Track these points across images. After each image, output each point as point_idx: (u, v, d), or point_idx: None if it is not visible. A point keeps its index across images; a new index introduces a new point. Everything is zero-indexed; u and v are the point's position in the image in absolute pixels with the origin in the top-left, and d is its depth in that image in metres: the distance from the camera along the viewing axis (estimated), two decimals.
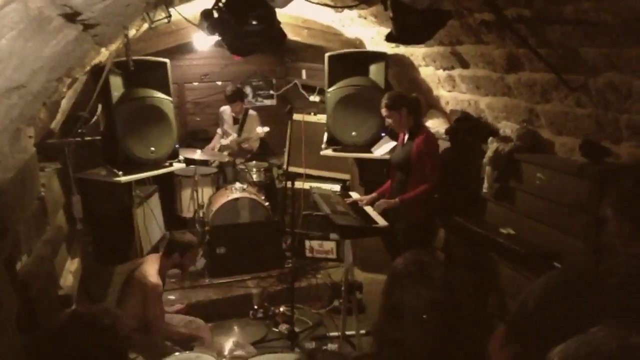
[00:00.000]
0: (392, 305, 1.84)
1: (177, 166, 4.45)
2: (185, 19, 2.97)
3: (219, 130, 6.52)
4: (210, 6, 2.79)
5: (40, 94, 2.33)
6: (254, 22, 2.37)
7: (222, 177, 6.22)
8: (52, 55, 1.39)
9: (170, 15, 2.91)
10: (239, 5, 2.31)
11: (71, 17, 1.29)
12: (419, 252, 1.94)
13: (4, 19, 0.85)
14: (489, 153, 3.89)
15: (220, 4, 2.29)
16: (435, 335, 1.74)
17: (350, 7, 3.68)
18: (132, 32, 3.81)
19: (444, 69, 4.27)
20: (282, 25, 2.81)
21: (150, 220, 5.26)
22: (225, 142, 6.21)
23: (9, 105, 1.68)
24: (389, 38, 2.67)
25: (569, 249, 3.31)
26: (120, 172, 4.05)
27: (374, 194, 4.48)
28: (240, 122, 6.32)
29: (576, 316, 1.69)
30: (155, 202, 5.50)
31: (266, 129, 5.95)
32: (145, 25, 3.40)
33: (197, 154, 5.68)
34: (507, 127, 3.94)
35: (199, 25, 2.51)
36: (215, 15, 2.35)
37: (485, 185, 4.02)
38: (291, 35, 4.79)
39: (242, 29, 2.35)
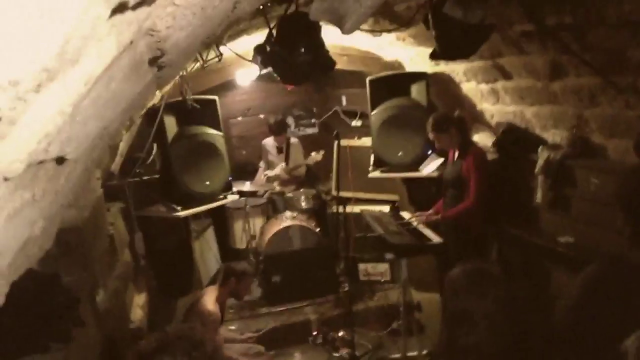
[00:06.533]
0: (459, 312, 1.86)
1: (231, 198, 4.60)
2: (239, 55, 3.11)
3: (261, 164, 6.67)
4: (256, 42, 2.96)
5: (112, 136, 2.50)
6: (303, 52, 2.48)
7: (271, 207, 6.35)
8: (134, 97, 1.52)
9: (221, 54, 3.07)
10: (289, 37, 2.43)
11: (154, 60, 1.41)
12: (474, 261, 1.98)
13: (119, 63, 0.96)
14: (540, 162, 3.88)
15: (272, 37, 2.43)
16: (507, 334, 1.76)
17: (388, 31, 3.78)
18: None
19: (487, 83, 4.31)
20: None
21: (207, 252, 5.41)
22: (273, 172, 6.35)
23: (94, 146, 1.82)
24: (433, 56, 2.75)
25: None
26: (179, 207, 4.21)
27: (431, 211, 4.50)
28: (285, 151, 6.46)
29: (624, 301, 1.68)
30: (210, 235, 5.65)
31: (322, 152, 6.05)
32: (196, 66, 3.59)
33: (247, 186, 5.84)
34: (556, 135, 3.93)
35: (252, 60, 2.65)
36: (268, 49, 2.48)
37: (539, 194, 4.00)
38: None
39: (293, 59, 2.47)
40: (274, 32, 2.49)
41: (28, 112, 0.69)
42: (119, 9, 0.78)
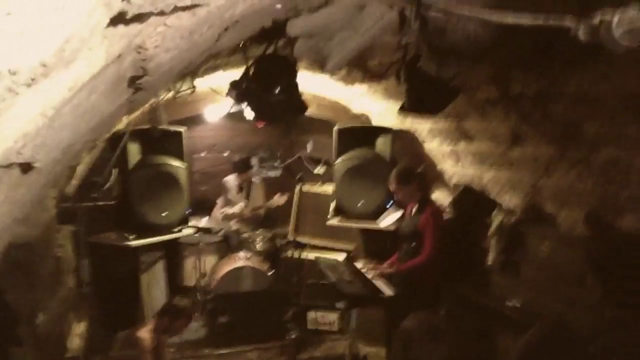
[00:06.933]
0: None
1: (186, 232, 4.53)
2: (214, 90, 3.14)
3: (219, 200, 6.61)
4: (230, 79, 3.00)
5: (77, 154, 2.45)
6: (278, 93, 2.53)
7: (226, 245, 6.25)
8: (108, 115, 1.51)
9: (194, 87, 3.09)
10: (265, 76, 2.48)
11: (133, 80, 1.41)
12: (427, 314, 2.01)
13: (103, 75, 0.97)
14: (494, 225, 3.99)
15: (249, 74, 2.47)
16: None
17: (361, 82, 3.90)
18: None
19: (449, 144, 4.44)
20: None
21: (155, 287, 5.25)
22: (232, 210, 6.30)
23: (59, 161, 1.78)
24: (402, 109, 2.84)
25: (575, 320, 3.34)
26: (131, 237, 4.11)
27: (385, 264, 4.52)
28: (246, 191, 6.44)
29: None
30: (159, 269, 5.49)
31: (286, 195, 6.07)
32: (168, 95, 3.59)
33: (203, 222, 5.76)
34: (510, 200, 4.06)
35: (228, 93, 2.68)
36: (244, 85, 2.53)
37: (491, 257, 4.09)
38: None
39: (267, 98, 2.52)
40: (251, 69, 2.54)
41: (14, 107, 0.69)
42: (116, 20, 0.79)
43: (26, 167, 1.21)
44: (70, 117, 1.02)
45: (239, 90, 2.56)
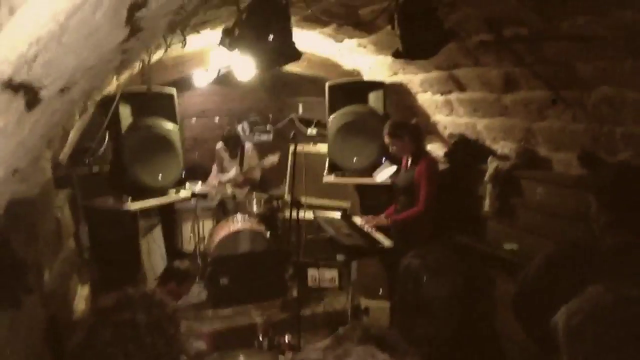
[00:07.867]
0: (416, 301, 1.90)
1: (183, 194, 4.53)
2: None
3: (214, 168, 6.60)
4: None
5: (74, 105, 2.43)
6: (272, 39, 2.51)
7: (222, 210, 6.28)
8: (107, 51, 1.49)
9: (185, 40, 3.05)
10: (258, 22, 2.45)
11: (132, 9, 1.39)
12: (430, 249, 2.03)
13: None
14: (490, 171, 4.03)
15: (242, 20, 2.44)
16: (462, 322, 1.82)
17: (352, 37, 3.86)
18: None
19: (442, 94, 4.45)
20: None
21: (154, 252, 5.28)
22: (226, 177, 6.30)
23: (54, 109, 1.74)
24: (396, 54, 2.83)
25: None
26: (129, 199, 4.10)
27: (381, 215, 4.58)
28: (239, 156, 6.43)
29: (572, 281, 1.80)
30: (158, 234, 5.52)
31: (278, 154, 6.08)
32: (158, 54, 3.54)
33: (199, 186, 5.76)
34: (505, 147, 4.10)
35: (220, 42, 2.66)
36: (236, 32, 2.50)
37: (487, 203, 4.14)
38: (292, 67, 4.97)
39: (260, 45, 2.50)
40: (244, 15, 2.51)
41: (27, 6, 0.68)
42: None
43: (32, 98, 1.21)
44: (76, 35, 1.01)
45: (231, 38, 2.54)
